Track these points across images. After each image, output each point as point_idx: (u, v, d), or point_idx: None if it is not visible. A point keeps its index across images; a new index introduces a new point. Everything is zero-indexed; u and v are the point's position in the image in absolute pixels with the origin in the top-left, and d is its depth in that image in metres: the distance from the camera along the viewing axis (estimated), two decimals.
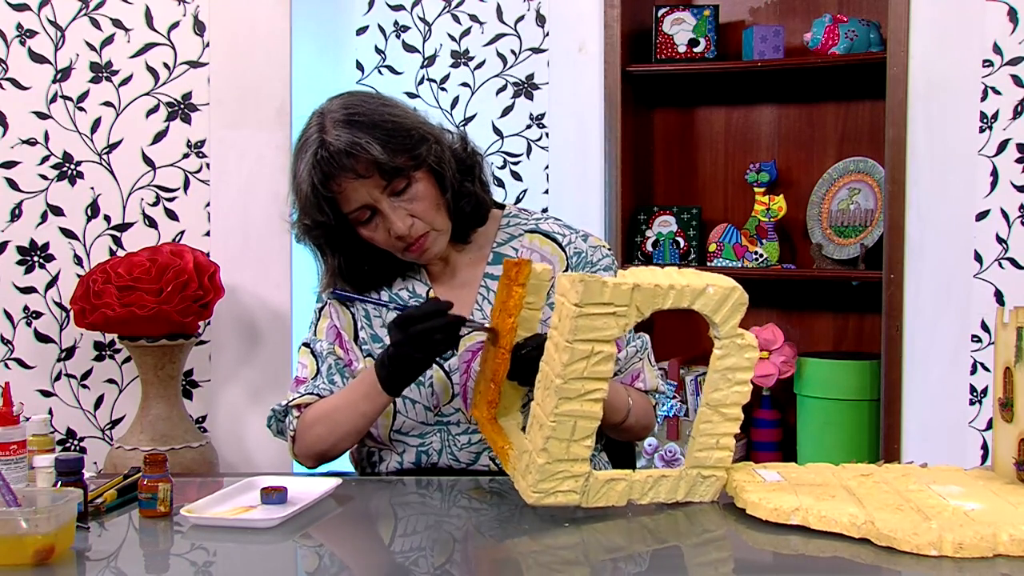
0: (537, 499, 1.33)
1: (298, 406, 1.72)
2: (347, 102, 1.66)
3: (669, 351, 3.15)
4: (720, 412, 1.41)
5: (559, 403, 1.30)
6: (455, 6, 3.10)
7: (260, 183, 2.70)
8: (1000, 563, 1.17)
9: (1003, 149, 2.61)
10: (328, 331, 1.78)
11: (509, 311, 1.50)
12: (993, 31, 2.60)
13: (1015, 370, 1.42)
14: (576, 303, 1.28)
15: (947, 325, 2.66)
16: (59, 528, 1.22)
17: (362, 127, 1.61)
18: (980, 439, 2.64)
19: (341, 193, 1.62)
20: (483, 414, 1.54)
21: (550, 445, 1.31)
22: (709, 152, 3.22)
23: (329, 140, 1.60)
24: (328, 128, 1.61)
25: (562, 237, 1.79)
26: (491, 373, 1.51)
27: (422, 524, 1.44)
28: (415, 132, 1.65)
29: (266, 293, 2.73)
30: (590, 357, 1.30)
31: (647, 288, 1.32)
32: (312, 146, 1.62)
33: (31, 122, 2.69)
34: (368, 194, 1.62)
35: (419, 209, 1.65)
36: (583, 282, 1.28)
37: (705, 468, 1.42)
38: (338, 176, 1.60)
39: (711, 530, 1.37)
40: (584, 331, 1.29)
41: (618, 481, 1.37)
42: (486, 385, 1.53)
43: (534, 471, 1.33)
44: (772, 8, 3.12)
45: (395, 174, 1.62)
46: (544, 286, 1.54)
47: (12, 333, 2.71)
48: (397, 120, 1.64)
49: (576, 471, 1.33)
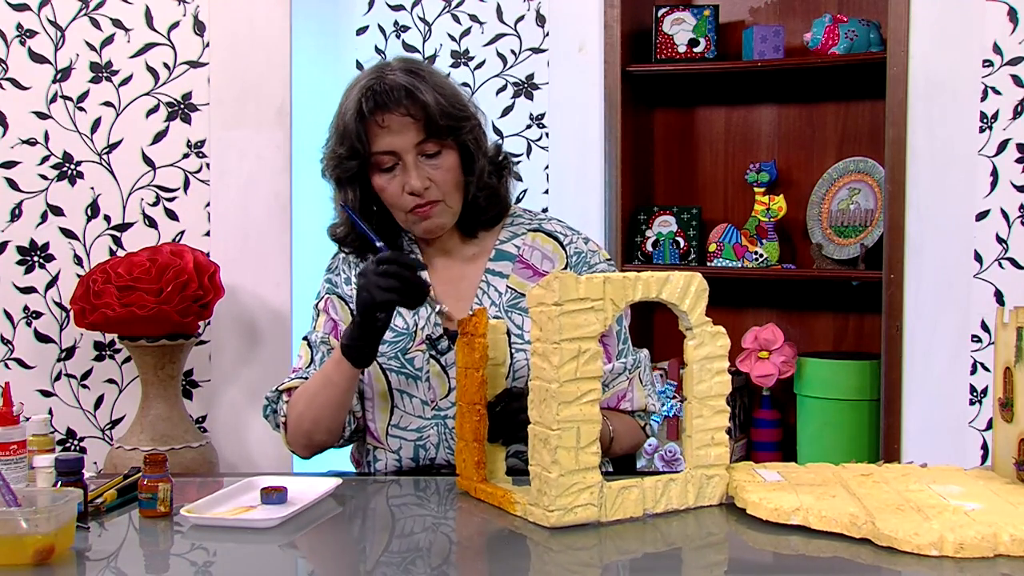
0: (558, 518, 1.32)
1: (288, 390, 1.74)
2: (410, 61, 1.74)
3: (669, 351, 3.15)
4: (708, 405, 1.43)
5: (559, 409, 1.31)
6: (455, 6, 3.10)
7: (260, 183, 2.70)
8: (1001, 563, 1.17)
9: (1003, 149, 2.61)
10: (325, 324, 1.79)
11: (476, 366, 1.50)
12: (993, 31, 2.60)
13: (1015, 370, 1.42)
14: (556, 302, 1.31)
15: (947, 325, 2.66)
16: (59, 528, 1.22)
17: (422, 80, 1.68)
18: (980, 439, 2.64)
19: (383, 128, 1.66)
20: (473, 479, 1.50)
21: (559, 456, 1.31)
22: (709, 152, 3.22)
23: (388, 77, 1.67)
24: (387, 72, 1.68)
25: (564, 236, 1.82)
26: (471, 435, 1.50)
27: (420, 525, 1.44)
28: (467, 107, 1.72)
29: (266, 293, 2.73)
30: (579, 356, 1.32)
31: (617, 280, 1.36)
32: (368, 79, 1.68)
33: (31, 122, 2.69)
34: (402, 141, 1.66)
35: (440, 178, 1.69)
36: (557, 279, 1.31)
37: (708, 468, 1.43)
38: (388, 108, 1.65)
39: (711, 531, 1.37)
40: (569, 329, 1.31)
41: (630, 489, 1.38)
42: (470, 448, 1.51)
43: (549, 489, 1.32)
44: (772, 8, 3.12)
45: (435, 133, 1.66)
46: (504, 339, 1.55)
47: (12, 333, 2.71)
48: (455, 89, 1.72)
49: (589, 481, 1.33)
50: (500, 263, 1.78)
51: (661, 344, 3.20)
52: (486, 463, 1.51)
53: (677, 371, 3.04)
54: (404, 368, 1.72)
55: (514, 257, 1.79)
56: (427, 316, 1.75)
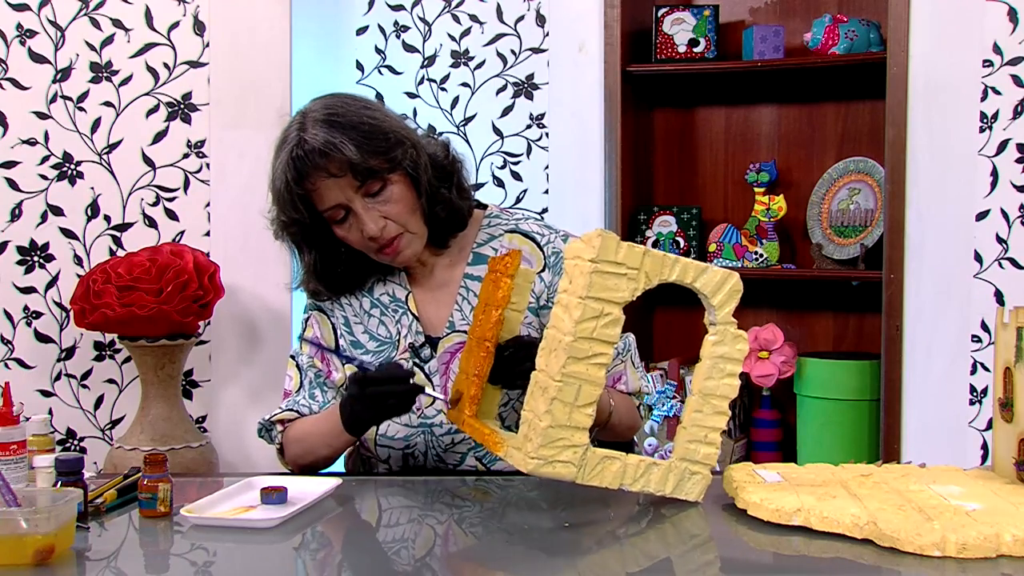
0: (536, 466, 1.32)
1: (280, 421, 1.76)
2: (328, 103, 1.68)
3: (670, 351, 3.15)
4: (710, 403, 1.42)
5: (567, 362, 1.31)
6: (455, 6, 3.10)
7: (260, 183, 2.65)
8: (1003, 563, 1.17)
9: (1003, 149, 2.61)
10: (310, 344, 1.80)
11: (497, 304, 1.50)
12: (993, 31, 2.60)
13: (1015, 370, 1.42)
14: (592, 258, 1.30)
15: (947, 325, 2.66)
16: (59, 528, 1.22)
17: (339, 127, 1.62)
18: (980, 439, 2.64)
19: (315, 191, 1.64)
20: (464, 412, 1.52)
21: (554, 407, 1.31)
22: (709, 152, 3.22)
23: (306, 138, 1.62)
24: (307, 127, 1.63)
25: (541, 237, 1.79)
26: (475, 370, 1.51)
27: (423, 525, 1.44)
28: (392, 136, 1.66)
29: (266, 293, 2.73)
30: (599, 317, 1.32)
31: (657, 255, 1.35)
32: (290, 144, 1.64)
33: (31, 122, 2.69)
34: (342, 193, 1.64)
35: (393, 211, 1.66)
36: (601, 236, 1.30)
37: (693, 463, 1.42)
38: (312, 174, 1.62)
39: (711, 531, 1.37)
40: (597, 288, 1.31)
41: (613, 460, 1.37)
42: (469, 381, 1.52)
43: (535, 436, 1.32)
44: (772, 8, 3.12)
45: (368, 175, 1.63)
46: (527, 287, 1.56)
47: (12, 333, 2.71)
48: (375, 123, 1.65)
49: (576, 440, 1.33)
50: (478, 267, 1.77)
51: (661, 344, 3.20)
52: (480, 400, 1.51)
53: (677, 371, 3.04)
54: None
55: None
56: (408, 324, 1.75)
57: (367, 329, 1.76)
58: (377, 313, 1.77)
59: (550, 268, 1.76)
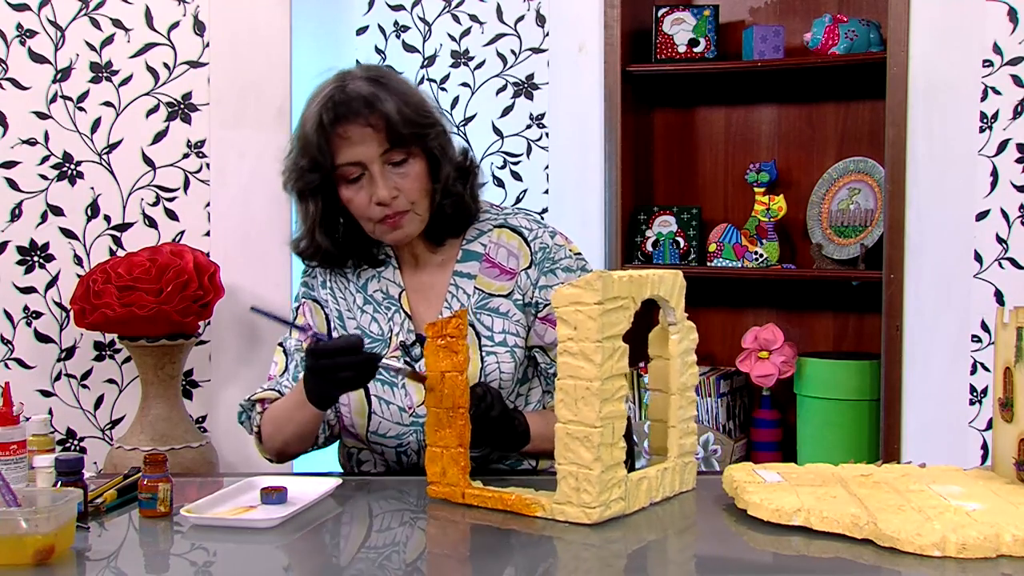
0: (600, 514, 1.33)
1: (261, 400, 1.74)
2: (371, 68, 1.71)
3: None
4: (686, 396, 1.50)
5: (602, 406, 1.32)
6: (455, 6, 3.10)
7: (260, 183, 2.70)
8: (1003, 563, 1.17)
9: (1003, 149, 2.61)
10: (301, 330, 1.78)
11: (459, 368, 1.45)
12: (993, 31, 2.60)
13: (1015, 370, 1.42)
14: (598, 301, 1.31)
15: (947, 325, 2.66)
16: (59, 528, 1.22)
17: (384, 87, 1.65)
18: (980, 439, 2.64)
19: (344, 139, 1.63)
20: (460, 485, 1.46)
21: (602, 453, 1.32)
22: (709, 152, 3.22)
23: (349, 86, 1.64)
24: (348, 80, 1.65)
25: (528, 232, 1.78)
26: (456, 441, 1.46)
27: (423, 524, 1.44)
28: (430, 114, 1.69)
29: (266, 293, 2.73)
30: (614, 354, 1.34)
31: (636, 279, 1.39)
32: (328, 89, 1.65)
33: (31, 122, 2.69)
34: (367, 151, 1.63)
35: (407, 186, 1.66)
36: (601, 279, 1.31)
37: (685, 456, 1.50)
38: (349, 119, 1.62)
39: (711, 531, 1.37)
40: (608, 327, 1.33)
41: (643, 479, 1.41)
42: (453, 454, 1.46)
43: (590, 487, 1.32)
44: (772, 8, 3.12)
45: (399, 142, 1.64)
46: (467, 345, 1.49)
47: (12, 333, 2.71)
48: (418, 96, 1.69)
49: (620, 476, 1.36)
50: (467, 264, 1.76)
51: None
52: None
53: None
54: (380, 375, 1.69)
55: (480, 256, 1.76)
56: (400, 322, 1.75)
57: (359, 325, 1.76)
58: (370, 310, 1.76)
59: (536, 264, 1.75)
